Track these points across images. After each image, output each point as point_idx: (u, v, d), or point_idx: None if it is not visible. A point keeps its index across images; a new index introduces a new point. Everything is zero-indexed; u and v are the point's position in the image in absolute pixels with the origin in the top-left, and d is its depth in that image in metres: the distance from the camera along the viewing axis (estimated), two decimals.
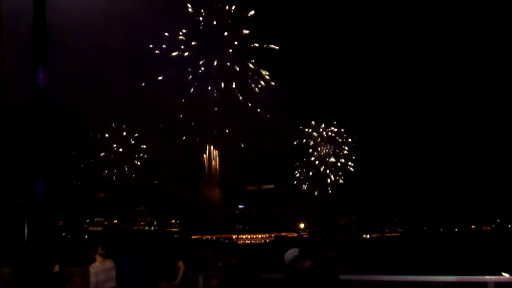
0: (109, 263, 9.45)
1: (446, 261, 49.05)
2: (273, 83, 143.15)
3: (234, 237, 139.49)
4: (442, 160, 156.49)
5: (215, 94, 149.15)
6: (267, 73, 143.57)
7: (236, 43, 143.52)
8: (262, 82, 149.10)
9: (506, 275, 12.12)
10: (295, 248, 8.66)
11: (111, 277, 9.25)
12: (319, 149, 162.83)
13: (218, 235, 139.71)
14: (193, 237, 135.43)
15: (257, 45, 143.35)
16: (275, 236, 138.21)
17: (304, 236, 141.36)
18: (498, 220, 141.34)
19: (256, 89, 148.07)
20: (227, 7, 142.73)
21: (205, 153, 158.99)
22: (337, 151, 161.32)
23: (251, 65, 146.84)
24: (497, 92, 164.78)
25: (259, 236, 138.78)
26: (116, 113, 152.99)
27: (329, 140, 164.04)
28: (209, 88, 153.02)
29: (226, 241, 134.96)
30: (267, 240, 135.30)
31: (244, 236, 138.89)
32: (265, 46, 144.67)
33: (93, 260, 9.63)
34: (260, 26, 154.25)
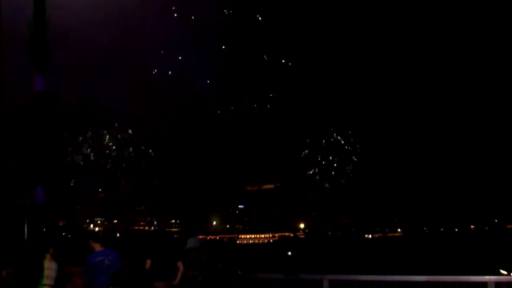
0: (54, 264, 10.49)
1: (446, 261, 49.02)
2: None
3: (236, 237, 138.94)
4: (442, 161, 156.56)
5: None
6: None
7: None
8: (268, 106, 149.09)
9: (504, 272, 12.13)
10: (198, 239, 9.59)
11: (51, 276, 10.27)
12: (320, 158, 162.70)
13: (221, 235, 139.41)
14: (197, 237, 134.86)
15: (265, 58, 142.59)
16: (279, 236, 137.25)
17: (301, 236, 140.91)
18: (496, 220, 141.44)
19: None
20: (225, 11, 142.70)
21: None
22: (335, 162, 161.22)
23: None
24: (497, 93, 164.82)
25: (262, 236, 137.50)
26: (115, 116, 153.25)
27: (330, 149, 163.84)
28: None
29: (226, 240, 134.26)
30: (271, 240, 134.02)
31: (248, 236, 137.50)
32: (285, 62, 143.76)
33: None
34: (260, 36, 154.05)
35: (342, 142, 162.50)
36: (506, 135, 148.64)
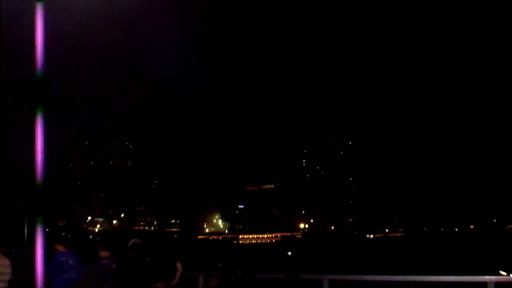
0: (6, 261, 10.63)
1: (446, 261, 49.00)
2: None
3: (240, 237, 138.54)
4: (441, 162, 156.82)
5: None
6: None
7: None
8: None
9: (504, 273, 12.13)
10: (137, 239, 10.48)
11: (5, 273, 10.46)
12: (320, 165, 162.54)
13: (224, 235, 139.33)
14: (199, 237, 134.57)
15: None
16: (281, 236, 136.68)
17: (298, 236, 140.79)
18: (495, 220, 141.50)
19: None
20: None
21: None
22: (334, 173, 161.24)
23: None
24: (497, 93, 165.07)
25: (265, 236, 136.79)
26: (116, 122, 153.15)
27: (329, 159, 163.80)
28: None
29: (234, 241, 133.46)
30: (273, 240, 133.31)
31: (250, 236, 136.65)
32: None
33: None
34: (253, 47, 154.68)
35: (341, 152, 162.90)
36: (505, 135, 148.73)
